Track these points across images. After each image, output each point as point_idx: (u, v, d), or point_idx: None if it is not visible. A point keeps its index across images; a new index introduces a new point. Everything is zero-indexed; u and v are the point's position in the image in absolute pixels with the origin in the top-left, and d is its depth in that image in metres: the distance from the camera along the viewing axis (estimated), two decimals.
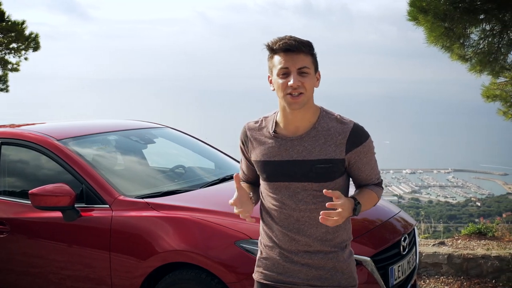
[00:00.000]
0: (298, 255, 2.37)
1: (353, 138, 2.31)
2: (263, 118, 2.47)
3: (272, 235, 2.41)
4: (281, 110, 2.37)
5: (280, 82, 2.27)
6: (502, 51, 6.35)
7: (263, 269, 2.46)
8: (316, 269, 2.36)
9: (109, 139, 4.70)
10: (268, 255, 2.44)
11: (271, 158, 2.36)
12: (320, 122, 2.35)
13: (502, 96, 7.35)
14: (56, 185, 3.74)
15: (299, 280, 2.37)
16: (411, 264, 3.78)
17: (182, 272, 3.39)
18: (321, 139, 2.32)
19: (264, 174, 2.38)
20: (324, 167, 2.29)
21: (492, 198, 49.01)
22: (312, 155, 2.30)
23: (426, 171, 73.01)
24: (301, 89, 2.25)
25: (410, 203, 47.50)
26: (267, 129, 2.42)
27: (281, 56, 2.27)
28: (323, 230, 2.35)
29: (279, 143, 2.36)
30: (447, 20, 5.86)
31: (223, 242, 3.30)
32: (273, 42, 2.30)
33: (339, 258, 2.38)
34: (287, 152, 2.34)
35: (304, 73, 2.26)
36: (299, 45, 2.26)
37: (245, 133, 2.48)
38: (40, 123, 4.96)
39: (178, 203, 3.70)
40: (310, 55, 2.30)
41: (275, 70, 2.29)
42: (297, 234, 2.35)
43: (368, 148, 2.35)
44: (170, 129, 5.34)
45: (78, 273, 3.81)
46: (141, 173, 4.60)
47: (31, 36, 14.59)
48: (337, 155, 2.30)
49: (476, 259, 5.54)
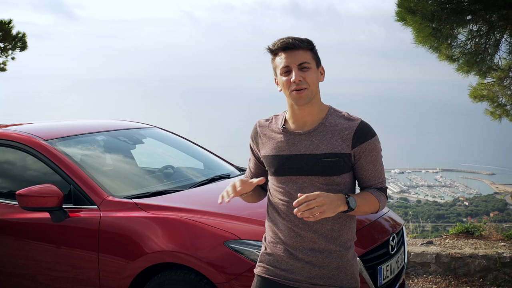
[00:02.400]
0: (303, 252, 2.38)
1: (359, 134, 2.35)
2: (273, 116, 2.54)
3: (278, 230, 2.43)
4: (290, 108, 2.43)
5: (284, 80, 2.35)
6: (489, 51, 6.40)
7: (266, 264, 2.47)
8: (319, 267, 2.37)
9: (97, 139, 4.68)
10: (272, 251, 2.46)
11: (279, 153, 2.40)
12: (328, 118, 2.40)
13: (489, 96, 7.41)
14: (43, 186, 3.72)
15: (302, 278, 2.38)
16: (400, 264, 3.79)
17: (171, 273, 3.38)
18: (328, 134, 2.36)
19: (272, 168, 2.42)
20: (331, 161, 2.32)
21: (480, 197, 49.34)
22: (319, 149, 2.34)
23: (414, 171, 73.35)
24: (304, 84, 2.31)
25: (398, 202, 47.70)
26: (276, 125, 2.48)
27: (282, 55, 2.35)
28: (328, 227, 2.37)
29: (287, 137, 2.41)
30: (434, 20, 5.90)
31: (212, 242, 3.30)
32: (272, 44, 2.39)
33: (343, 258, 2.39)
34: (295, 146, 2.38)
35: (305, 68, 2.33)
36: (297, 42, 2.33)
37: (256, 130, 2.54)
38: (27, 123, 4.92)
39: (167, 203, 3.69)
40: (310, 51, 2.37)
41: (278, 70, 2.37)
42: (302, 230, 2.36)
43: (373, 146, 2.37)
44: (159, 129, 5.32)
45: (66, 274, 3.78)
46: (129, 173, 4.58)
47: (18, 35, 14.48)
48: (343, 149, 2.33)
49: (464, 258, 5.57)
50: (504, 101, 7.42)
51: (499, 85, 7.24)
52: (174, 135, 5.35)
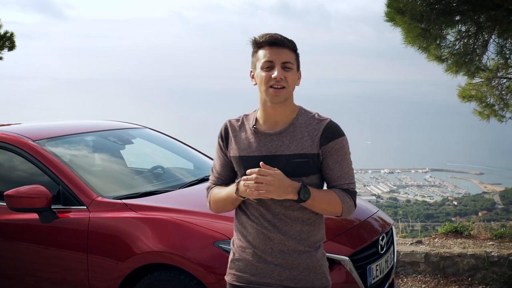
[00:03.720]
0: (272, 255, 2.36)
1: (326, 133, 2.34)
2: (243, 115, 2.50)
3: (247, 233, 2.40)
4: (262, 105, 2.39)
5: (264, 75, 2.31)
6: (477, 52, 6.44)
7: (236, 270, 2.44)
8: (289, 269, 2.36)
9: (87, 140, 4.65)
10: (240, 256, 2.43)
11: (249, 154, 2.37)
12: (298, 119, 2.38)
13: (478, 96, 7.45)
14: (32, 187, 3.69)
15: (273, 281, 2.36)
16: (389, 263, 3.81)
17: (160, 273, 3.37)
18: (298, 135, 2.34)
19: (243, 170, 2.37)
20: (300, 162, 2.31)
21: (469, 197, 49.66)
22: (289, 149, 2.33)
23: (404, 171, 73.66)
24: (284, 82, 2.29)
25: (388, 202, 47.91)
26: (247, 125, 2.44)
27: (266, 49, 2.32)
28: (297, 228, 2.36)
29: (258, 138, 2.38)
30: (423, 21, 5.92)
31: (202, 242, 3.29)
32: (259, 37, 2.35)
33: (313, 258, 2.38)
34: (266, 147, 2.36)
35: (287, 68, 2.31)
36: (284, 40, 2.32)
37: (226, 129, 2.49)
38: (16, 123, 4.89)
39: (157, 204, 3.68)
40: (294, 52, 2.36)
41: (259, 63, 2.33)
42: (271, 232, 2.35)
43: (340, 146, 2.35)
44: (148, 129, 5.31)
45: (55, 275, 3.76)
46: (119, 174, 4.56)
47: (6, 35, 14.35)
48: (312, 150, 2.32)
49: (453, 257, 5.60)
50: (492, 101, 7.47)
51: (487, 85, 7.29)
52: (164, 135, 5.34)
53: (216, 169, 2.54)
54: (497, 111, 7.50)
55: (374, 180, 67.27)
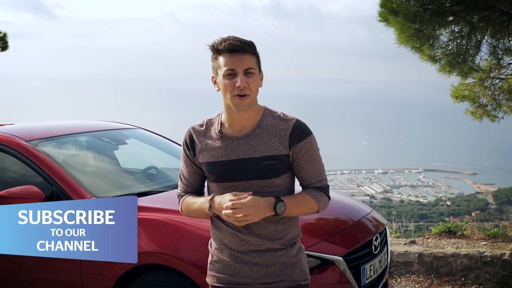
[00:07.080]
0: (248, 255, 2.37)
1: (295, 134, 2.34)
2: (207, 120, 2.47)
3: (222, 236, 2.41)
4: (226, 110, 2.38)
5: (227, 83, 2.29)
6: (470, 52, 6.45)
7: (215, 272, 2.45)
8: (266, 267, 2.37)
9: (80, 140, 4.64)
10: (218, 257, 2.44)
11: (218, 159, 2.36)
12: (264, 120, 2.38)
13: (471, 96, 7.47)
14: (24, 187, 3.68)
15: (251, 280, 2.38)
16: (383, 263, 3.82)
17: (154, 274, 3.37)
18: (265, 136, 2.34)
19: (213, 176, 2.38)
20: (270, 164, 2.32)
21: (462, 197, 49.85)
22: (257, 152, 2.33)
23: (397, 171, 73.86)
24: (247, 90, 2.28)
25: (382, 202, 48.03)
26: (213, 130, 2.42)
27: (226, 57, 2.28)
28: (272, 229, 2.37)
29: (225, 143, 2.37)
30: (417, 21, 5.93)
31: (196, 243, 3.29)
32: (217, 43, 2.31)
33: (288, 254, 2.39)
34: (234, 151, 2.35)
35: (249, 74, 2.29)
36: (244, 46, 2.28)
37: (191, 136, 2.45)
38: (8, 124, 4.86)
39: (150, 204, 3.67)
40: (254, 55, 2.33)
41: (221, 71, 2.30)
42: (246, 235, 2.36)
43: (309, 145, 2.36)
44: (142, 130, 5.29)
45: (49, 277, 3.75)
46: (112, 174, 4.54)
47: None
48: (281, 151, 2.33)
49: (446, 257, 5.62)
50: (485, 101, 7.49)
51: (480, 85, 7.31)
52: (158, 135, 5.33)
53: (185, 177, 2.53)
54: (490, 111, 7.52)
55: (368, 180, 67.41)
